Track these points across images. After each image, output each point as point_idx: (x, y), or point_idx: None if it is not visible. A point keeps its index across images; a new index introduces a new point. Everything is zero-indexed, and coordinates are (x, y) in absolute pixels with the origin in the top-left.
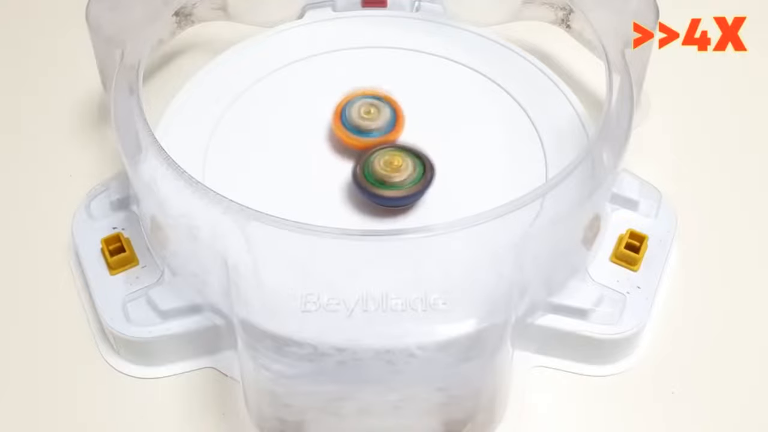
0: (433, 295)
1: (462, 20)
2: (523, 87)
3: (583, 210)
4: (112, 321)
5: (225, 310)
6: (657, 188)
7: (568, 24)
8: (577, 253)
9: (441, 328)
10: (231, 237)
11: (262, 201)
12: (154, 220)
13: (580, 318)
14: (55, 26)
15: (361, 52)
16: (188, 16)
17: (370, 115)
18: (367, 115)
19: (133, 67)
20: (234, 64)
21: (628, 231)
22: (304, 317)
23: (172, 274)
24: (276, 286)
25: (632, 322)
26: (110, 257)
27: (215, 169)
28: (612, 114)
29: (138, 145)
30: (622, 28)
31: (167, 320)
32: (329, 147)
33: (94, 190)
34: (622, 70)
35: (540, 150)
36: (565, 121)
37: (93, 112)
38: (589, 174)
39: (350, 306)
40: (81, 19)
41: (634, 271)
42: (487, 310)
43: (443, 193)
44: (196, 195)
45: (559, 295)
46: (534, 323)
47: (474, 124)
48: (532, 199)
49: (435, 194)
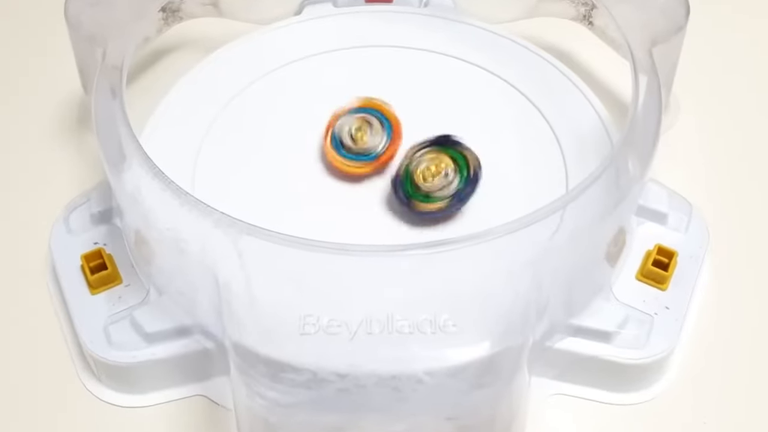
0: (442, 316)
1: (474, 16)
2: (540, 89)
3: (606, 223)
4: (92, 344)
5: (216, 333)
6: (687, 200)
7: (590, 20)
8: (600, 270)
9: (451, 352)
10: (222, 252)
11: (256, 213)
12: (139, 234)
13: (604, 341)
14: (31, 23)
15: (364, 52)
16: (176, 12)
17: (361, 133)
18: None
19: (116, 68)
20: (226, 65)
21: (655, 246)
22: (302, 340)
23: (158, 293)
24: (271, 306)
25: (660, 345)
26: (91, 275)
27: (205, 178)
28: (638, 118)
29: (121, 153)
30: (649, 24)
31: (153, 344)
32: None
33: (73, 201)
34: (649, 69)
35: (560, 158)
36: (587, 126)
37: (72, 116)
38: (614, 184)
39: (352, 328)
40: (59, 15)
41: (662, 290)
42: (501, 333)
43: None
44: (184, 207)
45: (581, 316)
46: (553, 347)
47: (487, 130)
48: (551, 212)
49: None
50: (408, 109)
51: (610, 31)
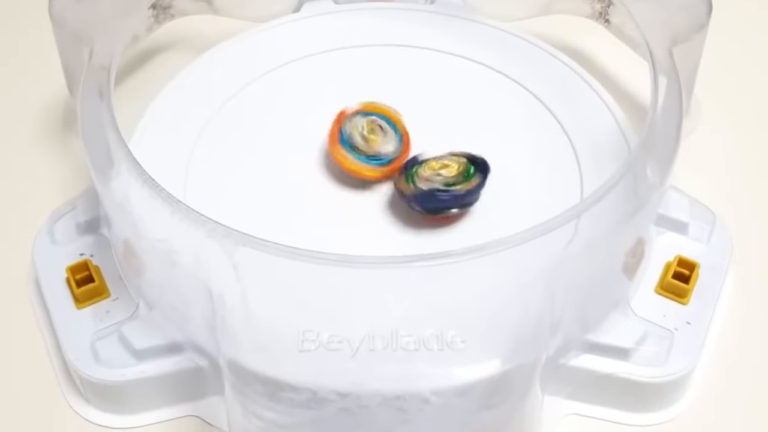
0: (450, 332)
1: (483, 14)
2: (554, 91)
3: (624, 233)
4: (78, 362)
5: (210, 349)
6: (710, 208)
7: (607, 18)
8: (617, 283)
9: (459, 370)
10: (216, 264)
11: (253, 223)
12: (128, 244)
13: (621, 358)
14: (13, 20)
15: (367, 51)
16: (167, 9)
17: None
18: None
19: (104, 68)
20: (220, 65)
21: (676, 258)
22: (301, 357)
23: (148, 307)
24: (269, 322)
25: (681, 363)
26: (77, 288)
27: (198, 185)
28: (657, 122)
29: (109, 158)
30: (669, 21)
31: (143, 361)
32: (330, 160)
33: (58, 210)
34: (670, 70)
35: (574, 164)
36: (603, 130)
37: (57, 119)
38: (631, 191)
39: (354, 344)
40: (43, 12)
41: (683, 304)
42: (512, 349)
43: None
44: (176, 216)
45: (597, 331)
46: (567, 364)
47: (497, 134)
48: (565, 221)
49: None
50: (413, 113)
51: (627, 30)
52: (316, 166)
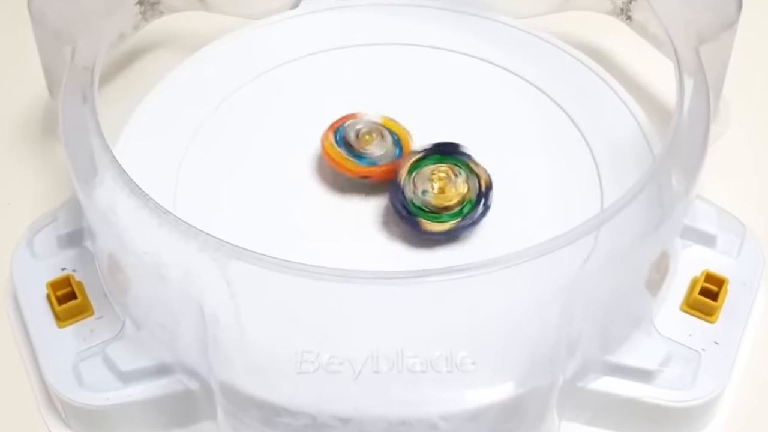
0: (460, 353)
1: (496, 10)
2: (571, 93)
3: (647, 246)
4: (60, 385)
5: (201, 371)
6: (739, 219)
7: (629, 14)
8: (639, 300)
9: (470, 394)
10: (208, 280)
11: (247, 235)
12: (113, 259)
13: (644, 381)
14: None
15: (370, 51)
16: (155, 5)
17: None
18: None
19: (87, 69)
20: (212, 66)
21: (703, 273)
22: (299, 380)
23: (135, 326)
24: (264, 341)
25: (709, 386)
26: (58, 305)
27: (189, 195)
28: (683, 126)
29: (93, 166)
30: (695, 19)
31: (129, 384)
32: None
33: (38, 222)
34: (696, 71)
35: (593, 171)
36: (625, 135)
37: (37, 124)
38: (655, 201)
39: (357, 366)
40: (22, 8)
41: (710, 323)
42: (527, 372)
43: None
44: (164, 227)
45: (618, 352)
46: (586, 387)
47: (510, 140)
48: (583, 233)
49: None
50: (420, 118)
51: (651, 27)
52: (315, 174)
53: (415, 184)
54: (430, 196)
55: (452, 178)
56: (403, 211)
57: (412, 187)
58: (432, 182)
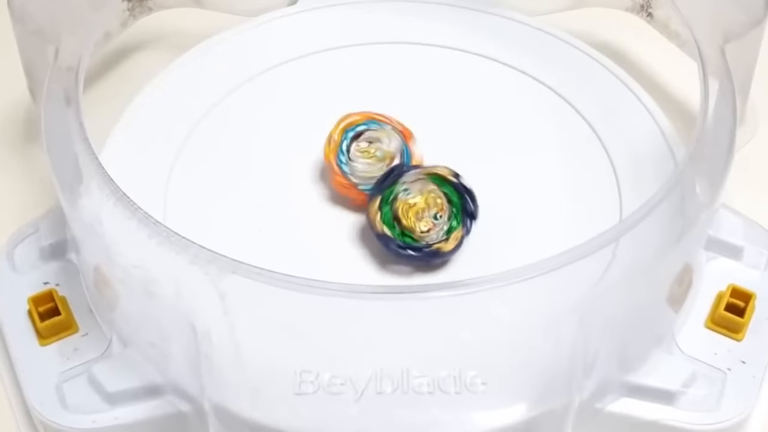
0: (469, 373)
1: (507, 7)
2: (588, 95)
3: (669, 259)
4: (42, 406)
5: (193, 392)
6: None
7: (649, 11)
8: (661, 316)
9: (479, 416)
10: (201, 295)
11: (242, 247)
12: (99, 272)
13: (666, 403)
14: None
15: (371, 50)
16: (144, 2)
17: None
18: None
19: (72, 69)
20: (205, 66)
21: (729, 287)
22: (298, 401)
23: (122, 344)
24: (261, 360)
25: (735, 407)
26: (40, 322)
27: (180, 204)
28: (708, 131)
29: (77, 173)
30: (721, 16)
31: (116, 406)
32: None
33: (18, 232)
34: (722, 72)
35: (612, 179)
36: (646, 140)
37: (17, 128)
38: (678, 211)
39: (359, 387)
40: (2, 5)
41: (737, 341)
42: (541, 393)
43: (484, 236)
44: (154, 239)
45: (638, 372)
46: (604, 409)
47: (523, 145)
48: (601, 245)
49: (473, 237)
50: (425, 122)
51: (673, 24)
52: (313, 181)
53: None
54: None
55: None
56: (410, 251)
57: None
58: (417, 220)
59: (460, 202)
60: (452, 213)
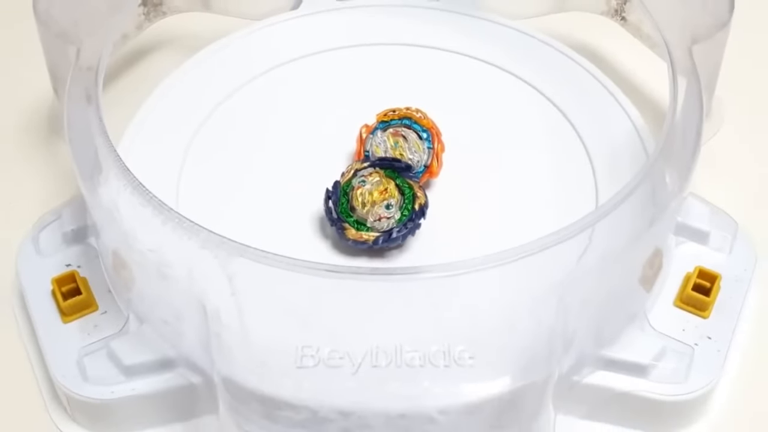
0: (457, 348)
1: (493, 11)
2: (567, 93)
3: (641, 243)
4: (65, 379)
5: (203, 366)
6: (732, 216)
7: (623, 15)
8: (633, 295)
9: (467, 388)
10: (211, 276)
11: (249, 232)
12: (117, 255)
13: (638, 375)
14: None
15: (371, 51)
16: (158, 6)
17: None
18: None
19: (92, 69)
20: (214, 66)
21: (696, 269)
22: (300, 374)
23: (138, 321)
24: (266, 337)
25: (702, 380)
26: (63, 301)
27: (191, 193)
28: (677, 125)
29: (97, 164)
30: (689, 19)
31: (132, 378)
32: (331, 166)
33: (43, 219)
34: (690, 71)
35: (588, 170)
36: (619, 134)
37: (42, 123)
38: (649, 199)
39: (356, 360)
40: (27, 9)
41: (703, 318)
42: (523, 366)
43: (470, 222)
44: (167, 225)
45: (612, 347)
46: (581, 382)
47: (507, 138)
48: (578, 230)
49: (460, 224)
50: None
51: (645, 28)
52: (316, 172)
53: (355, 192)
54: (361, 211)
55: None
56: (335, 219)
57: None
58: (371, 196)
59: (411, 192)
60: (404, 203)
